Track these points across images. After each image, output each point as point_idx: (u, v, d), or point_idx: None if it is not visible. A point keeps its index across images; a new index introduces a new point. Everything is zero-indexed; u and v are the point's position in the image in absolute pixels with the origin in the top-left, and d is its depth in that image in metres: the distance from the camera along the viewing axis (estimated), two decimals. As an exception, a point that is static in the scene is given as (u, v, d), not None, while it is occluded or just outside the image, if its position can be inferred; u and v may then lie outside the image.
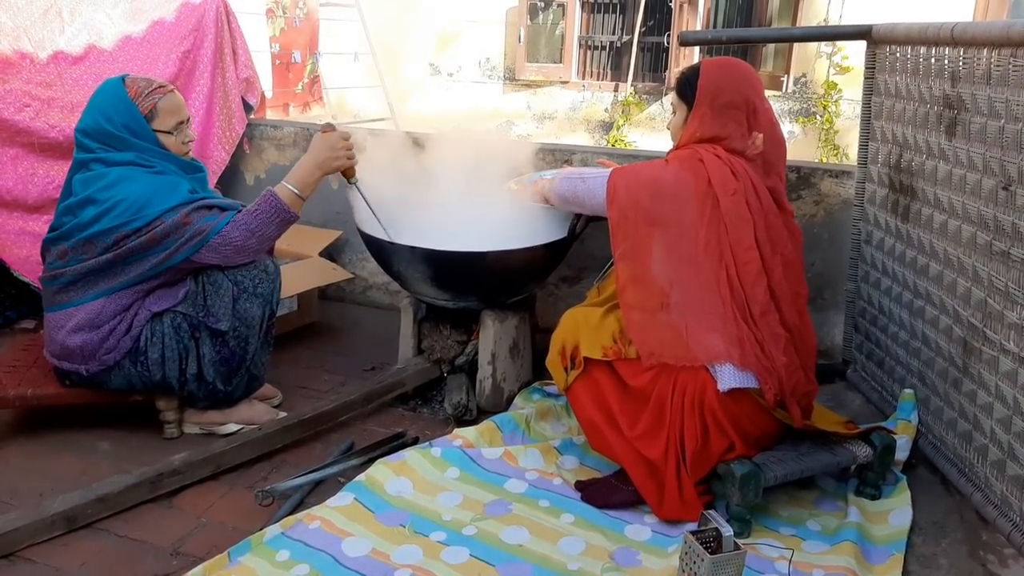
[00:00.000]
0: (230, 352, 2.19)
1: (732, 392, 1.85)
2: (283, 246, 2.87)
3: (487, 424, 2.27)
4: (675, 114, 2.09)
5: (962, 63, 1.94)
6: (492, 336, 2.44)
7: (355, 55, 7.40)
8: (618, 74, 8.03)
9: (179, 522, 1.92)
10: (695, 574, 1.59)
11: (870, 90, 2.48)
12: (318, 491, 2.03)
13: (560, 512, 1.94)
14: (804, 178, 2.76)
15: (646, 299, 1.95)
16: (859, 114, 2.57)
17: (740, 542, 1.61)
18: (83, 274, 2.08)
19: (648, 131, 7.72)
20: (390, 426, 2.39)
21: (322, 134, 2.20)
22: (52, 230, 2.13)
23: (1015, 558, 1.79)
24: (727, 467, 1.85)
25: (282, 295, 2.33)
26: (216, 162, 3.36)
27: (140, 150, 2.09)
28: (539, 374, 2.53)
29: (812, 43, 6.75)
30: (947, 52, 2.01)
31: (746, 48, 7.18)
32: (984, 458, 1.94)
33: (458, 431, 2.24)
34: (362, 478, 2.00)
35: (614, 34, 8.05)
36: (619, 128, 7.78)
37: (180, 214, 2.04)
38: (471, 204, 2.42)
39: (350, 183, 2.28)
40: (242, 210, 2.13)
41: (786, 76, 7.08)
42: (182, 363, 2.16)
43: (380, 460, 2.07)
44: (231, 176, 3.53)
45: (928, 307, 2.19)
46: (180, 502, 1.99)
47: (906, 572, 1.77)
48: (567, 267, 2.94)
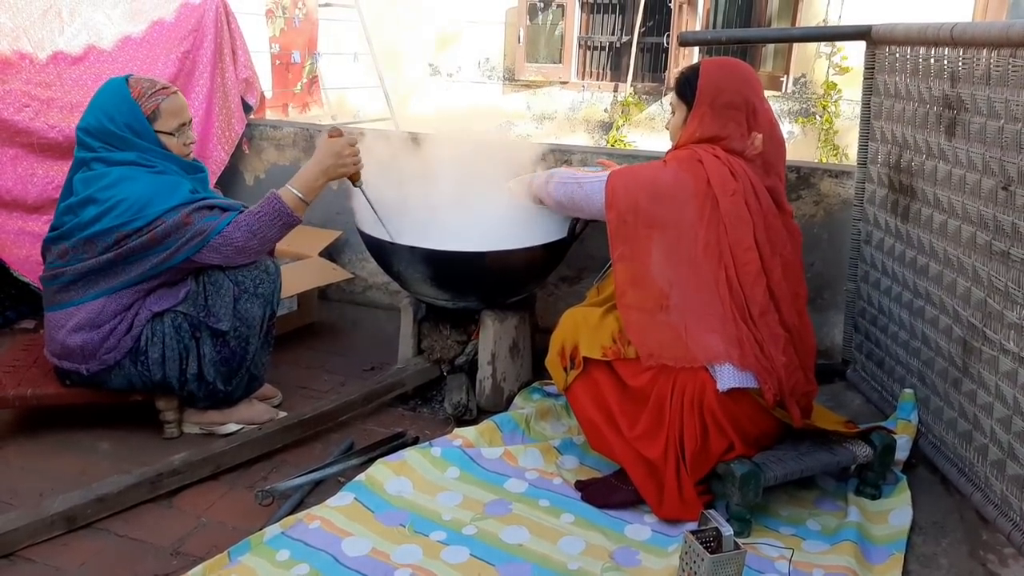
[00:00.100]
0: (230, 352, 2.19)
1: (731, 392, 1.85)
2: (283, 246, 2.86)
3: (487, 424, 2.28)
4: (674, 114, 2.08)
5: (961, 63, 1.94)
6: (492, 336, 2.44)
7: (355, 55, 7.40)
8: (618, 74, 8.03)
9: (179, 522, 1.92)
10: (695, 574, 1.59)
11: (869, 90, 2.48)
12: (318, 491, 2.03)
13: (560, 512, 1.94)
14: (804, 178, 2.76)
15: (645, 300, 1.95)
16: (859, 114, 2.57)
17: (740, 542, 1.61)
18: (84, 273, 2.08)
19: (648, 131, 7.72)
20: (390, 426, 2.39)
21: (328, 139, 2.18)
22: (53, 229, 2.13)
23: (1015, 558, 1.79)
24: (727, 467, 1.85)
25: (282, 295, 2.33)
26: (215, 162, 3.36)
27: (142, 150, 2.08)
28: (539, 374, 2.52)
29: (811, 43, 6.75)
30: (946, 52, 2.01)
31: (745, 48, 7.18)
32: (984, 458, 1.94)
33: (458, 431, 2.24)
34: (362, 478, 2.00)
35: (613, 34, 8.05)
36: (619, 128, 7.79)
37: (181, 214, 2.03)
38: (471, 204, 2.42)
39: (355, 186, 2.27)
40: (244, 211, 2.13)
41: (786, 76, 7.08)
42: (182, 363, 2.16)
43: (380, 460, 2.07)
44: (230, 176, 3.53)
45: (928, 307, 2.19)
46: (180, 502, 1.99)
47: (906, 572, 1.77)
48: (567, 267, 2.94)
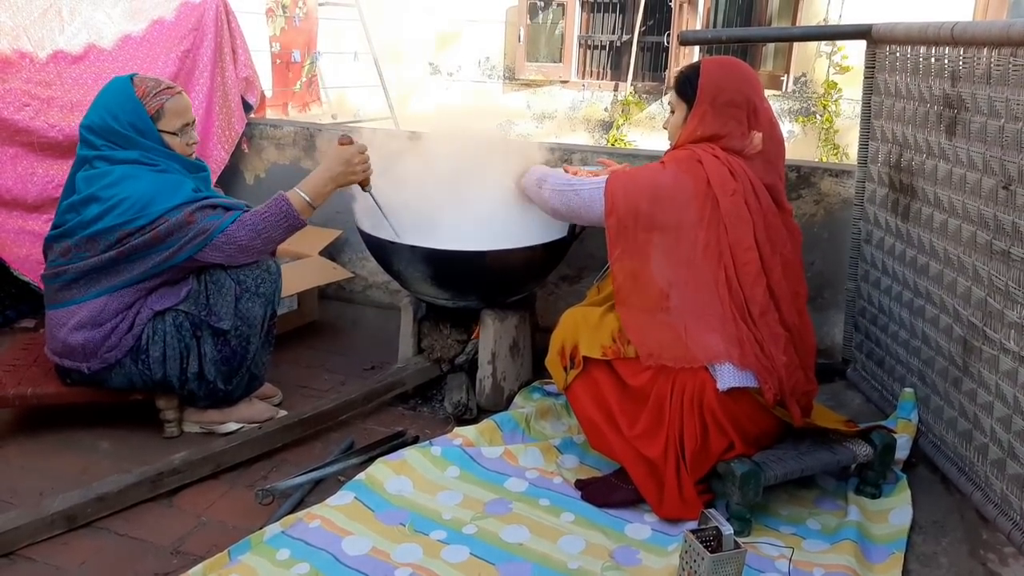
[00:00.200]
0: (231, 351, 2.20)
1: (731, 391, 1.85)
2: (283, 245, 2.85)
3: (487, 423, 2.27)
4: (673, 113, 2.07)
5: (962, 63, 1.94)
6: (492, 335, 2.44)
7: (355, 55, 7.40)
8: (618, 73, 8.03)
9: (179, 521, 1.92)
10: (695, 573, 1.59)
11: (870, 89, 2.48)
12: (318, 490, 2.03)
13: (560, 511, 1.94)
14: (804, 177, 2.76)
15: (645, 300, 1.95)
16: (859, 113, 2.57)
17: (740, 541, 1.61)
18: (86, 272, 2.08)
19: (648, 130, 7.72)
20: (390, 425, 2.39)
21: (339, 146, 2.17)
22: (55, 227, 2.13)
23: (1015, 557, 1.79)
24: (727, 466, 1.85)
25: (282, 294, 2.33)
26: (215, 161, 3.36)
27: (145, 149, 2.09)
28: (539, 373, 2.52)
29: (812, 43, 6.75)
30: (947, 52, 2.01)
31: (746, 48, 7.17)
32: (984, 457, 1.94)
33: (458, 430, 2.24)
34: (362, 477, 2.00)
35: (614, 33, 8.05)
36: (619, 127, 7.78)
37: (184, 212, 2.04)
38: (471, 203, 2.41)
39: (364, 191, 2.27)
40: (248, 210, 2.13)
41: (786, 76, 7.08)
42: (183, 362, 2.16)
43: (380, 459, 2.07)
44: (230, 176, 3.53)
45: (928, 306, 2.19)
46: (180, 501, 1.99)
47: (906, 571, 1.77)
48: (567, 266, 2.94)
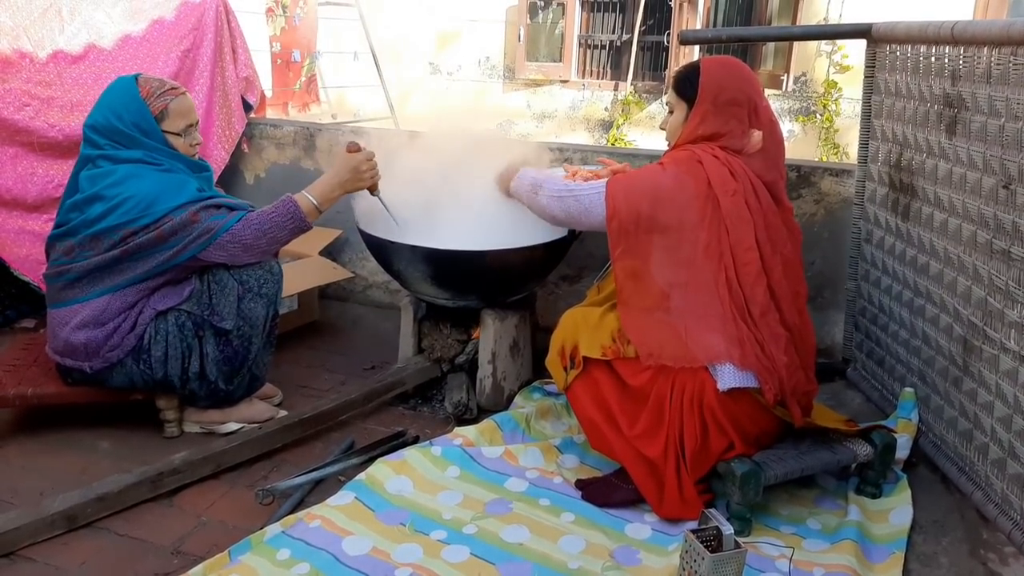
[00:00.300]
0: (233, 351, 2.20)
1: (731, 391, 1.85)
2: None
3: (487, 423, 2.27)
4: (672, 113, 2.05)
5: (962, 62, 1.94)
6: (492, 335, 2.44)
7: (355, 54, 7.40)
8: (618, 73, 8.03)
9: (179, 521, 1.92)
10: (696, 573, 1.59)
11: (870, 89, 2.48)
12: (318, 490, 2.03)
13: (560, 511, 1.94)
14: (804, 177, 2.76)
15: (645, 299, 1.95)
16: (859, 113, 2.57)
17: (741, 540, 1.61)
18: (89, 270, 2.08)
19: (648, 130, 7.71)
20: (390, 425, 2.39)
21: (347, 153, 2.18)
22: (58, 226, 2.13)
23: (1016, 556, 1.79)
24: (727, 466, 1.85)
25: (282, 294, 2.33)
26: (216, 161, 3.36)
27: (148, 149, 2.09)
28: (539, 373, 2.52)
29: (812, 42, 6.75)
30: (947, 51, 2.01)
31: (746, 47, 7.17)
32: (985, 456, 1.94)
33: (458, 430, 2.24)
34: (362, 477, 2.00)
35: (614, 33, 8.05)
36: (619, 127, 7.78)
37: (188, 212, 2.04)
38: (471, 202, 2.41)
39: (373, 195, 2.28)
40: (253, 210, 2.14)
41: (786, 75, 7.07)
42: (185, 361, 2.17)
43: (380, 459, 2.07)
44: (230, 175, 3.52)
45: (928, 306, 2.19)
46: (180, 501, 1.99)
47: (907, 571, 1.77)
48: (567, 266, 2.94)
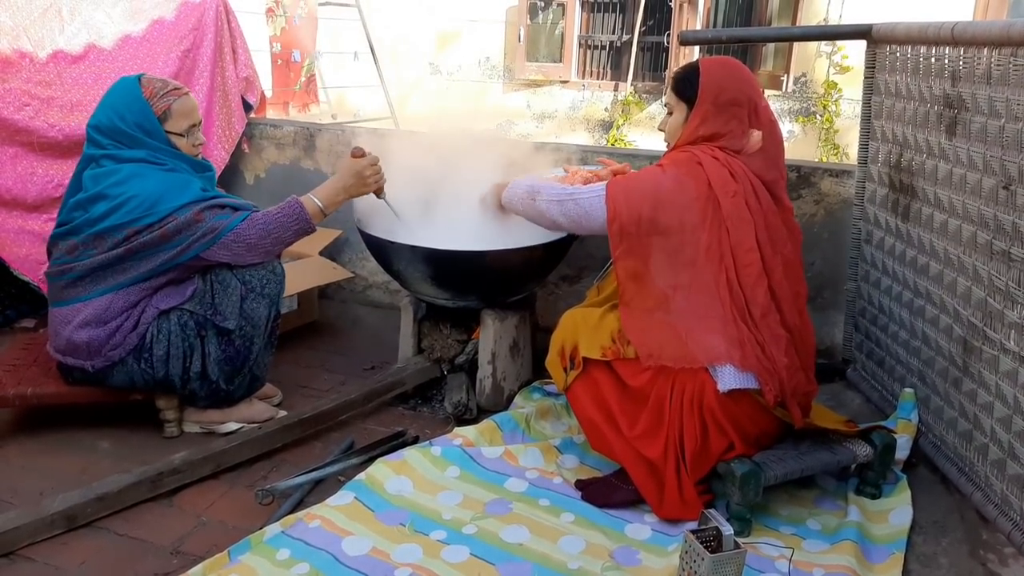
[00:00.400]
0: (235, 351, 2.20)
1: (731, 392, 1.85)
2: (283, 245, 2.87)
3: (487, 423, 2.27)
4: (671, 114, 2.05)
5: (962, 62, 1.94)
6: (492, 335, 2.44)
7: (355, 54, 7.40)
8: (618, 73, 8.03)
9: (179, 521, 1.92)
10: (695, 573, 1.59)
11: (870, 89, 2.48)
12: (318, 490, 2.03)
13: (560, 511, 1.94)
14: (804, 177, 2.76)
15: (645, 299, 1.95)
16: (859, 113, 2.57)
17: (740, 541, 1.61)
18: (92, 269, 2.08)
19: (648, 130, 7.71)
20: (390, 425, 2.39)
21: (351, 159, 2.19)
22: (61, 225, 2.14)
23: (1015, 557, 1.79)
24: (727, 466, 1.85)
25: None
26: (216, 161, 3.36)
27: (152, 149, 2.10)
28: (539, 373, 2.52)
29: (812, 43, 6.75)
30: (947, 51, 2.01)
31: (746, 47, 7.17)
32: (984, 457, 1.94)
33: (458, 430, 2.24)
34: (362, 477, 2.00)
35: (614, 33, 8.05)
36: (619, 127, 7.78)
37: (193, 211, 2.04)
38: (471, 203, 2.41)
39: (379, 198, 2.28)
40: (256, 210, 2.14)
41: (786, 75, 7.07)
42: (186, 361, 2.17)
43: (380, 459, 2.07)
44: (231, 175, 3.52)
45: (928, 306, 2.19)
46: (180, 501, 1.99)
47: (906, 571, 1.78)
48: (567, 266, 2.94)
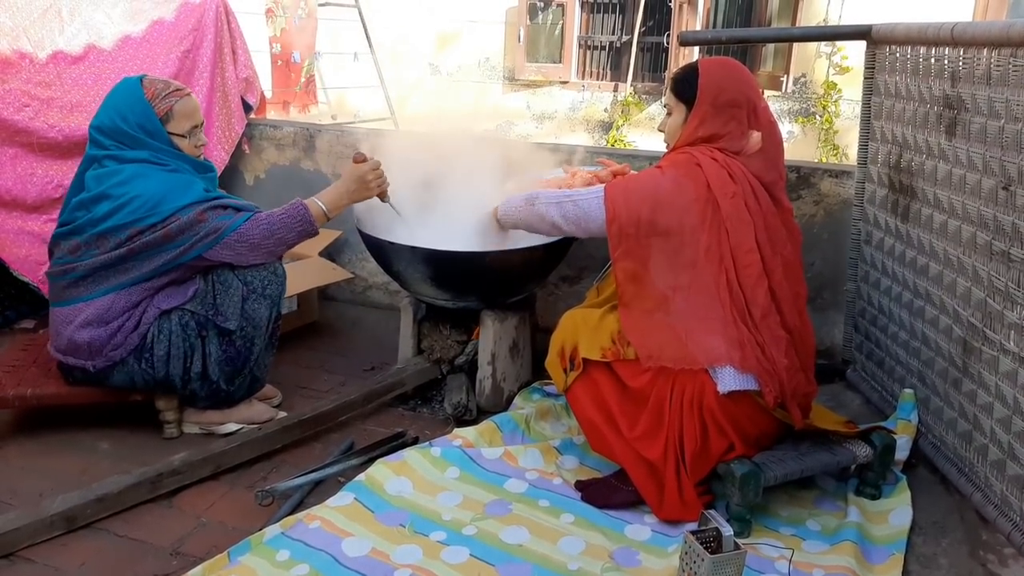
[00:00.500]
0: (236, 352, 2.20)
1: (731, 393, 1.85)
2: (283, 246, 2.87)
3: (487, 424, 2.27)
4: (670, 115, 2.04)
5: (962, 63, 1.94)
6: (492, 336, 2.44)
7: (355, 55, 7.40)
8: (618, 74, 8.03)
9: (179, 522, 1.92)
10: (695, 574, 1.59)
11: (870, 90, 2.48)
12: (318, 491, 2.03)
13: (560, 512, 1.94)
14: (804, 178, 2.76)
15: (645, 301, 1.95)
16: (859, 114, 2.57)
17: (740, 542, 1.61)
18: (94, 269, 2.08)
19: (648, 131, 7.71)
20: (390, 426, 2.39)
21: (354, 164, 2.20)
22: (63, 225, 2.14)
23: (1015, 558, 1.79)
24: (727, 467, 1.85)
25: (284, 295, 2.34)
26: (216, 162, 3.35)
27: (154, 150, 2.10)
28: (539, 374, 2.52)
29: (812, 43, 6.75)
30: (947, 52, 2.01)
31: (745, 48, 7.18)
32: (984, 458, 1.94)
33: (458, 431, 2.24)
34: (362, 478, 2.00)
35: (614, 34, 8.05)
36: (618, 128, 7.78)
37: (195, 211, 2.05)
38: (471, 203, 2.41)
39: (383, 201, 2.29)
40: (259, 211, 2.15)
41: (786, 76, 7.07)
42: (187, 361, 2.17)
43: (380, 460, 2.07)
44: (230, 176, 3.52)
45: (928, 307, 2.19)
46: (180, 502, 1.99)
47: (906, 572, 1.78)
48: (567, 267, 2.94)
